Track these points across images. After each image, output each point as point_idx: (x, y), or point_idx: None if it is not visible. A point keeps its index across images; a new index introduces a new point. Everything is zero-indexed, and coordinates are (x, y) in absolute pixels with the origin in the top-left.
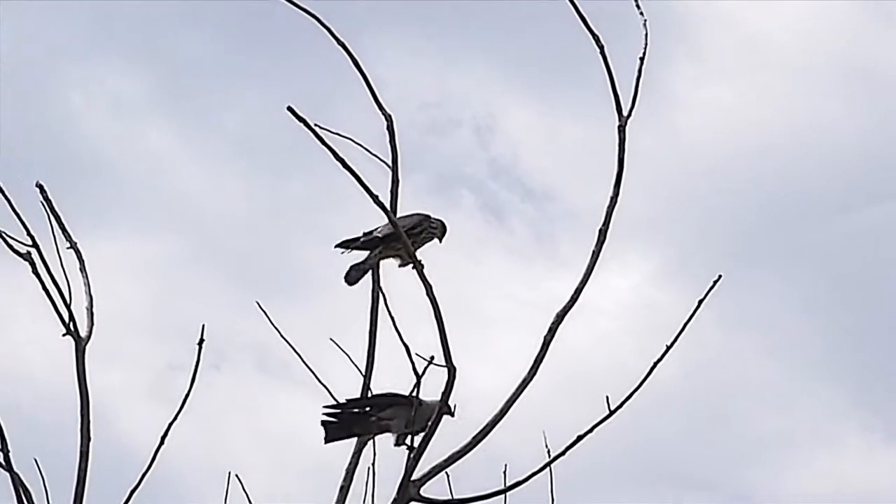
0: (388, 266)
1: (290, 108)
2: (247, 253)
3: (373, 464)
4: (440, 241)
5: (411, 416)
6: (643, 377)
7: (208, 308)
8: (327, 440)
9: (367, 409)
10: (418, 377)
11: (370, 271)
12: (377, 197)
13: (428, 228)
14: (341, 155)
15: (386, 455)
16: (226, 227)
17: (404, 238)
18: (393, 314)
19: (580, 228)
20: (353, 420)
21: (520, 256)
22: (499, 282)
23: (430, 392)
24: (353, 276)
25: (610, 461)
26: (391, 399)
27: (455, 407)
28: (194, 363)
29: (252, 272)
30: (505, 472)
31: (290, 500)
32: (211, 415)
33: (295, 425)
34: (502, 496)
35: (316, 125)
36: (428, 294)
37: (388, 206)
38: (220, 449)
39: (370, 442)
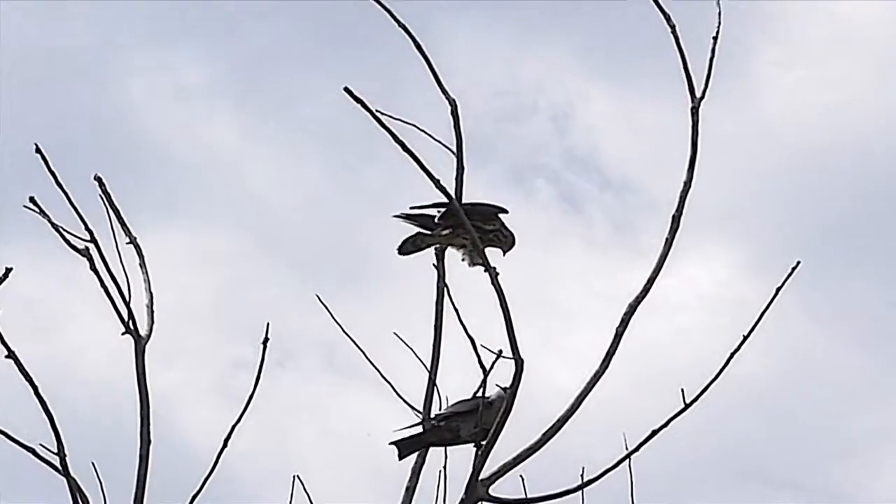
0: (454, 258)
1: (346, 90)
2: (314, 246)
3: (444, 466)
4: (503, 253)
5: (479, 417)
6: (719, 369)
7: (273, 304)
8: (402, 457)
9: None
10: (485, 371)
11: (435, 257)
12: (439, 181)
13: (500, 231)
14: (403, 140)
15: (453, 452)
16: (292, 220)
17: (466, 224)
18: (458, 307)
19: (661, 219)
20: (422, 433)
21: (597, 248)
22: (575, 273)
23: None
24: (406, 248)
25: (691, 460)
26: (456, 417)
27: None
28: (259, 361)
29: (319, 266)
30: (583, 474)
31: (356, 501)
32: (276, 415)
33: (362, 424)
34: (577, 494)
35: (377, 111)
36: (493, 282)
37: (452, 192)
38: (285, 450)
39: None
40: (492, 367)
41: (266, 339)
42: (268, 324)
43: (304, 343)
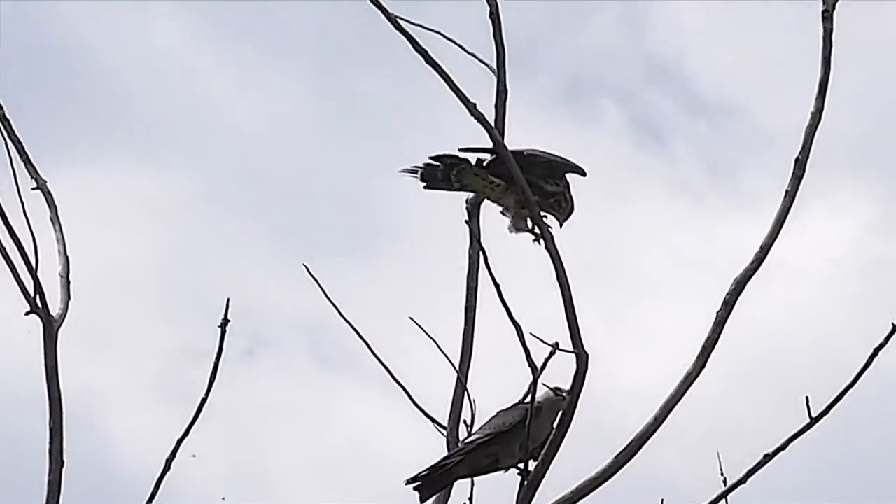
0: (492, 215)
1: None
2: (295, 194)
3: (470, 498)
4: (559, 223)
5: (525, 435)
6: (860, 369)
7: (240, 272)
8: (424, 499)
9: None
10: (535, 370)
11: (467, 212)
12: (475, 105)
13: (564, 196)
14: (426, 50)
15: (491, 481)
16: (266, 156)
17: (520, 179)
18: (498, 281)
19: (771, 156)
20: (449, 463)
21: (686, 194)
22: (655, 230)
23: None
24: (434, 178)
25: (812, 479)
26: (495, 439)
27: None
28: (216, 350)
29: (303, 222)
30: None
31: None
32: (241, 422)
33: (362, 434)
34: None
35: (397, 17)
36: (549, 249)
37: (491, 121)
38: (255, 468)
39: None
40: (545, 364)
41: (225, 321)
42: (228, 300)
43: (282, 326)
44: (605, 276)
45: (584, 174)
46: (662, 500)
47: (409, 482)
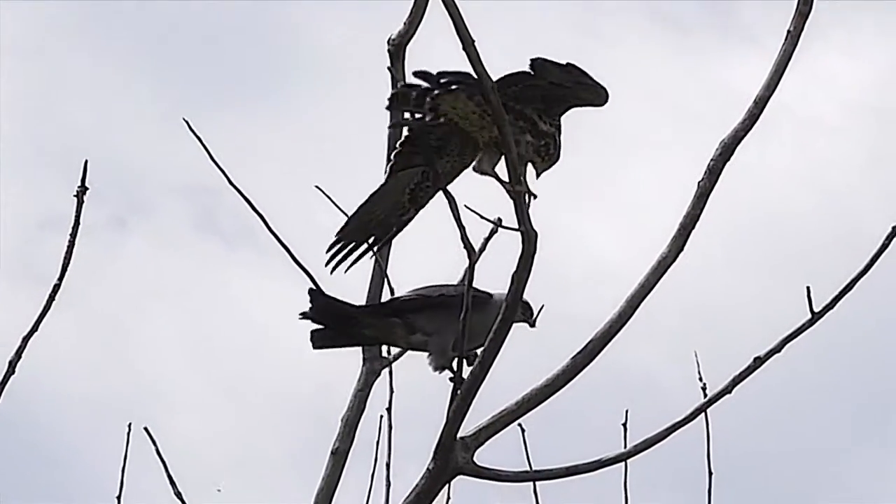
0: (422, 58)
1: None
2: (181, 29)
3: (388, 407)
4: (537, 173)
5: (462, 325)
6: (878, 248)
7: (112, 126)
8: (316, 347)
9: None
10: (472, 252)
11: (389, 56)
12: None
13: (555, 139)
14: None
15: (411, 390)
16: None
17: (497, 109)
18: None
19: None
20: (359, 320)
21: (672, 29)
22: (634, 74)
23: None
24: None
25: (813, 387)
26: (425, 299)
27: (537, 312)
28: (73, 218)
29: (192, 64)
30: (626, 424)
31: (242, 465)
32: (111, 307)
33: (258, 323)
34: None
35: None
36: (519, 216)
37: None
38: (126, 356)
39: (384, 370)
40: (485, 244)
41: (83, 189)
42: (86, 162)
43: (161, 190)
44: (569, 132)
45: (602, 103)
46: (627, 412)
47: (303, 315)
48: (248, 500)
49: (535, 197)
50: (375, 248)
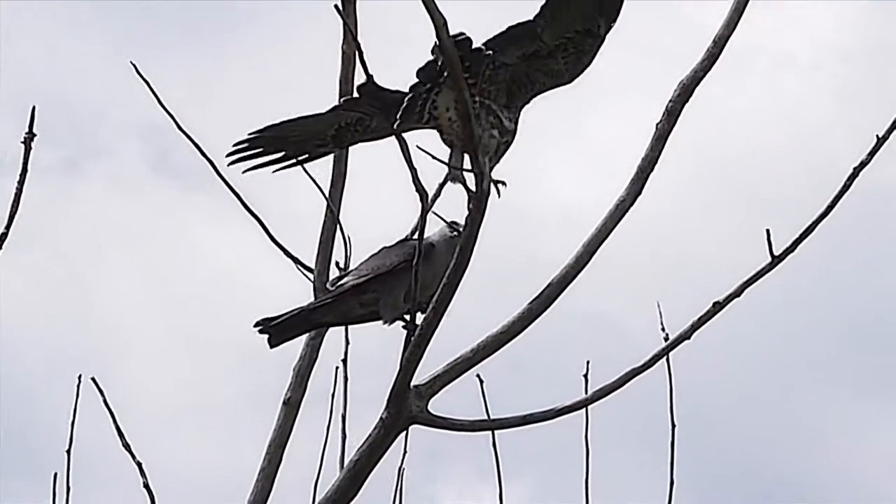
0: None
1: None
2: None
3: (344, 359)
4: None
5: (413, 280)
6: (838, 190)
7: (55, 61)
8: (274, 344)
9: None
10: (425, 197)
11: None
12: None
13: (514, 137)
14: None
15: (363, 334)
16: None
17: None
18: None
19: None
20: (314, 315)
21: None
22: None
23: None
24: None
25: (773, 332)
26: (376, 274)
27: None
28: (21, 165)
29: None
30: (586, 375)
31: (195, 414)
32: (63, 248)
33: (214, 269)
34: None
35: None
36: (470, 218)
37: None
38: (76, 305)
39: None
40: (439, 189)
41: (30, 136)
42: (34, 108)
43: (116, 131)
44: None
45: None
46: (588, 363)
47: (257, 325)
48: (204, 448)
49: (505, 185)
50: (278, 166)
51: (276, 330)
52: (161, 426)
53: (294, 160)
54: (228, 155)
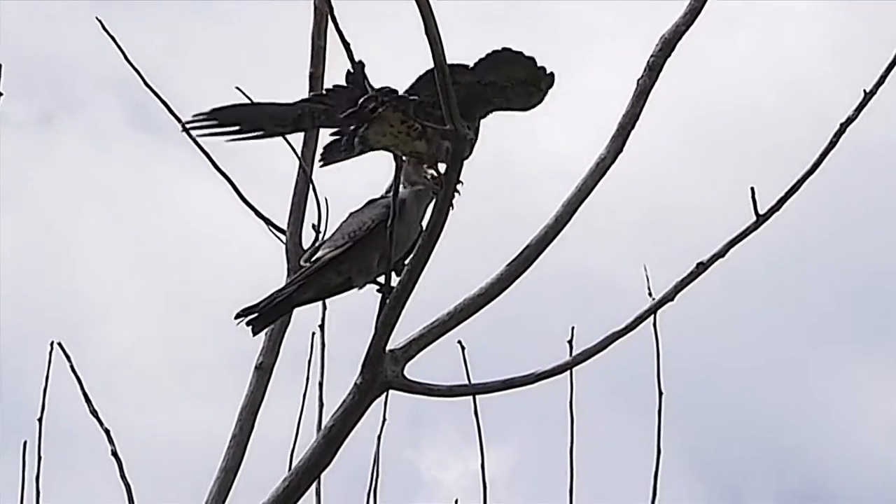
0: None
1: None
2: None
3: (322, 324)
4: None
5: (388, 242)
6: (824, 147)
7: (29, 13)
8: (257, 332)
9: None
10: (399, 156)
11: None
12: None
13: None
14: None
15: (345, 300)
16: None
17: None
18: (350, 42)
19: None
20: (293, 297)
21: None
22: None
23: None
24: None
25: (758, 292)
26: (346, 248)
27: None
28: None
29: None
30: (571, 341)
31: (167, 369)
32: (37, 203)
33: (190, 226)
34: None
35: None
36: (437, 209)
37: None
38: (50, 262)
39: None
40: None
41: None
42: None
43: (91, 84)
44: (514, 19)
45: (532, 106)
46: (573, 329)
47: (238, 317)
48: (180, 413)
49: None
50: (236, 136)
51: (258, 318)
52: (135, 391)
53: (250, 135)
54: (187, 122)
